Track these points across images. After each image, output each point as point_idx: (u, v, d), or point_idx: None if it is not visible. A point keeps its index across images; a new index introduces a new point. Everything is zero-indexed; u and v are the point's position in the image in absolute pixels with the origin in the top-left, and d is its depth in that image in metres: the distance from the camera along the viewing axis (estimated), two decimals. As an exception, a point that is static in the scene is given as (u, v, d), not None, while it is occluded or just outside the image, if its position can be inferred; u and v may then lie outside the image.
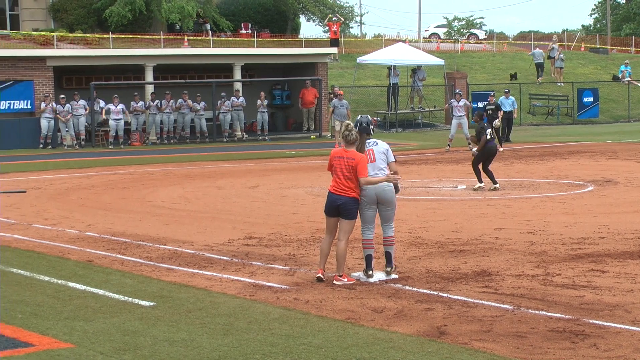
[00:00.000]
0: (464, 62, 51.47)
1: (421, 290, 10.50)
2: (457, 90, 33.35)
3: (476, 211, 17.08)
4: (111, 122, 35.22)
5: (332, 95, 37.12)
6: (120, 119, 35.10)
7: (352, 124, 11.19)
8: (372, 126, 11.29)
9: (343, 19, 51.68)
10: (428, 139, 37.76)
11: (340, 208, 10.92)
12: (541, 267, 11.63)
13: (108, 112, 35.29)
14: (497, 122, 29.71)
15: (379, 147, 11.14)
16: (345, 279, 10.93)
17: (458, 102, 31.33)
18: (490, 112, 30.37)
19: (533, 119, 46.11)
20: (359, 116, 11.46)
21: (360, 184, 10.89)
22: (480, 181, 20.44)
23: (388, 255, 11.09)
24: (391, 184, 11.08)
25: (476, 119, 21.05)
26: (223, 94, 37.29)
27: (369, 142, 11.15)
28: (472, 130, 27.56)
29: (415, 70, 43.42)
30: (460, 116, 31.35)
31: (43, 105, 34.65)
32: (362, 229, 11.23)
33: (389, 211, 11.12)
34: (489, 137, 20.25)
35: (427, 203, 18.45)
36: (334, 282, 10.90)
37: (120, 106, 35.00)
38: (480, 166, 20.48)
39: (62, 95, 35.13)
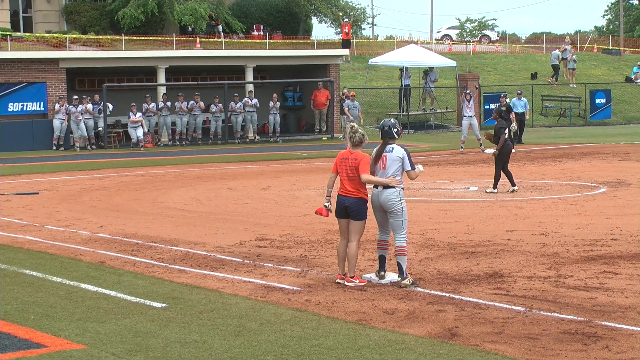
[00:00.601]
0: (476, 63, 51.40)
1: (433, 292, 10.48)
2: (467, 90, 33.36)
3: (488, 213, 17.05)
4: (130, 130, 35.15)
5: (344, 97, 37.17)
6: (139, 126, 34.98)
7: (356, 125, 11.16)
8: (395, 130, 10.97)
9: (352, 20, 51.54)
10: (440, 140, 37.71)
11: (348, 210, 10.91)
12: (553, 269, 11.60)
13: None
14: (513, 125, 29.73)
15: (393, 154, 10.91)
16: (357, 281, 10.93)
17: (468, 102, 31.47)
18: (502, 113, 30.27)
19: (545, 121, 46.00)
20: (384, 120, 11.25)
21: (362, 181, 10.83)
22: (513, 184, 20.09)
23: (399, 267, 10.87)
24: (398, 192, 10.90)
25: (495, 117, 20.85)
26: (236, 94, 37.34)
27: (388, 148, 10.94)
28: (482, 132, 27.54)
29: (427, 71, 43.38)
30: (470, 116, 31.43)
31: (57, 106, 34.78)
32: (378, 231, 11.23)
33: (395, 220, 10.88)
34: (506, 136, 20.07)
35: (439, 205, 18.43)
36: (346, 283, 10.89)
37: (139, 114, 34.98)
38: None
39: (75, 97, 35.20)
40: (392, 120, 11.18)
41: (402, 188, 10.98)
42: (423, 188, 20.94)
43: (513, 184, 20.11)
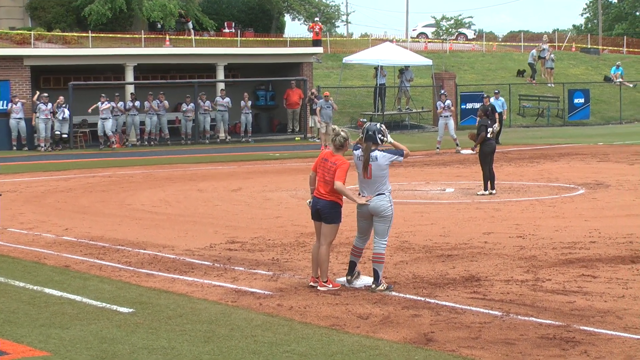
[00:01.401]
0: (452, 62, 51.58)
1: (408, 296, 10.48)
2: (442, 91, 33.46)
3: (464, 215, 17.09)
4: (99, 124, 34.83)
5: (313, 97, 37.05)
6: (107, 118, 34.64)
7: (338, 128, 11.11)
8: (380, 135, 10.77)
9: (322, 20, 51.38)
10: (415, 140, 37.78)
11: (320, 212, 10.90)
12: (531, 272, 11.63)
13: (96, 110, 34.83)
14: (495, 126, 29.76)
15: (379, 162, 10.77)
16: (330, 285, 10.92)
17: (444, 103, 31.65)
18: (487, 111, 30.24)
19: (523, 121, 46.21)
20: (368, 123, 11.11)
21: (334, 187, 10.75)
22: (493, 187, 20.07)
23: (375, 273, 10.84)
24: (388, 197, 10.80)
25: (480, 114, 20.86)
26: (202, 93, 37.15)
27: (372, 156, 10.79)
28: (456, 133, 27.59)
29: (403, 70, 43.45)
30: (447, 116, 31.57)
31: (11, 105, 34.36)
32: (355, 237, 11.20)
33: (382, 225, 10.82)
34: (489, 135, 20.07)
35: (415, 207, 18.45)
36: (318, 287, 10.87)
37: (107, 104, 34.55)
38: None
39: (45, 94, 34.74)
40: (379, 125, 10.93)
41: (390, 191, 10.95)
42: (398, 190, 20.95)
43: (492, 187, 20.11)
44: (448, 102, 31.78)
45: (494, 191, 20.10)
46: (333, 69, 47.88)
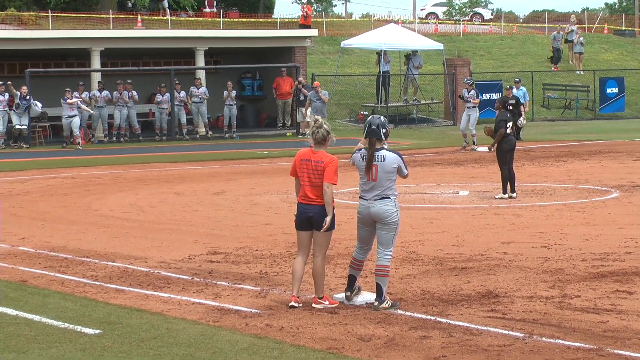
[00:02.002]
0: (466, 46, 51.64)
1: (416, 314, 10.48)
2: (466, 79, 33.53)
3: (481, 222, 17.10)
4: (64, 122, 34.46)
5: (300, 87, 37.00)
6: (75, 115, 34.24)
7: (321, 119, 11.07)
8: (384, 130, 10.83)
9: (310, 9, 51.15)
10: (424, 136, 37.83)
11: (312, 220, 10.85)
12: (557, 288, 11.64)
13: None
14: (522, 121, 29.87)
15: (386, 164, 10.76)
16: (327, 302, 10.90)
17: (468, 93, 31.81)
18: (511, 107, 30.21)
19: (547, 114, 46.29)
20: (371, 116, 11.15)
21: (324, 191, 10.72)
22: (513, 190, 20.08)
23: (378, 288, 10.83)
24: (394, 201, 10.79)
25: (498, 106, 20.76)
26: (177, 82, 37.08)
27: (378, 155, 10.79)
28: (479, 128, 27.62)
29: (410, 56, 43.50)
30: (470, 108, 31.66)
31: None
32: (355, 248, 11.18)
33: (387, 234, 10.82)
34: (508, 130, 19.99)
35: (424, 212, 18.45)
36: (314, 305, 10.86)
37: (75, 99, 34.29)
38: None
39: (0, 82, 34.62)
40: (382, 118, 11.03)
41: (396, 195, 10.95)
42: (405, 192, 20.97)
43: (513, 190, 20.13)
44: (472, 92, 31.86)
45: (514, 194, 20.11)
46: (330, 55, 47.92)
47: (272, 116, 41.27)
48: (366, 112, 41.05)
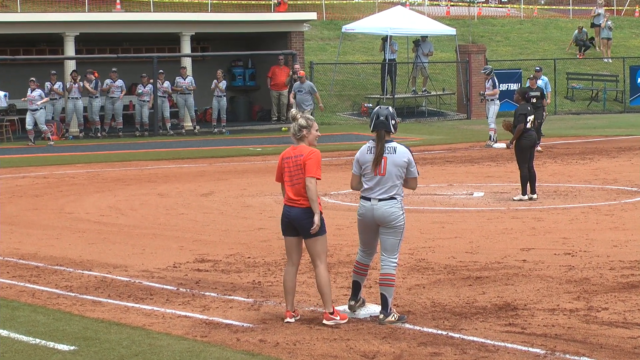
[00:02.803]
0: (481, 31, 51.62)
1: (425, 329, 10.50)
2: (483, 69, 33.54)
3: (497, 226, 17.11)
4: (28, 117, 34.34)
5: (296, 76, 36.93)
6: (37, 108, 34.15)
7: (295, 110, 11.05)
8: (393, 122, 10.93)
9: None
10: (435, 131, 37.83)
11: (294, 223, 10.83)
12: (582, 300, 11.66)
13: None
14: (545, 116, 29.96)
15: (396, 157, 10.83)
16: (338, 317, 10.78)
17: (486, 83, 31.85)
18: (535, 100, 30.17)
19: (572, 106, 46.29)
20: (378, 107, 11.18)
21: (306, 188, 10.71)
22: (534, 191, 20.10)
23: (383, 299, 10.85)
24: (399, 203, 10.82)
25: (517, 98, 20.67)
26: (161, 71, 37.03)
27: (388, 147, 10.88)
28: (499, 120, 27.59)
29: (419, 42, 43.49)
30: (489, 100, 31.71)
31: None
32: (358, 251, 11.19)
33: (392, 239, 10.85)
34: (528, 125, 19.95)
35: (434, 215, 18.46)
36: (325, 322, 10.74)
37: (38, 92, 34.21)
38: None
39: None
40: (390, 108, 11.08)
41: (402, 196, 10.96)
42: (412, 194, 20.97)
43: (533, 191, 20.13)
44: (490, 82, 31.87)
45: (534, 196, 20.13)
46: (330, 41, 47.90)
47: (266, 109, 41.24)
48: (370, 105, 41.04)
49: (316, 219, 10.67)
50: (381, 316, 10.82)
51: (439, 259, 14.25)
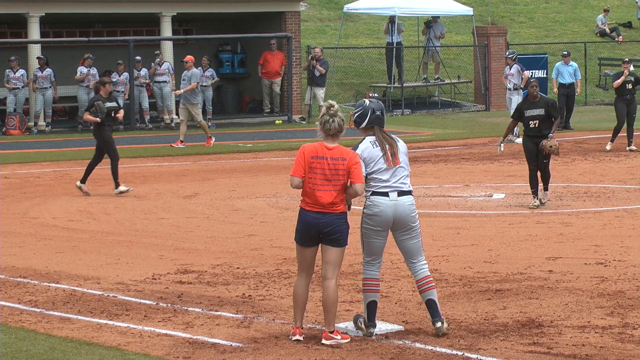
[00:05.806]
0: (502, 11, 51.61)
1: (438, 349, 10.50)
2: (507, 53, 33.52)
3: (520, 232, 17.11)
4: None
5: (314, 62, 36.95)
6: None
7: (336, 104, 11.05)
8: (384, 117, 11.32)
9: None
10: (449, 125, 37.81)
11: (329, 233, 10.80)
12: (616, 315, 11.66)
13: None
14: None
15: (400, 145, 11.17)
16: (339, 337, 10.82)
17: (510, 69, 31.71)
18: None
19: (604, 96, 46.26)
20: (367, 101, 11.29)
21: (353, 193, 10.85)
22: (546, 188, 20.03)
23: (433, 305, 10.99)
24: (413, 196, 11.06)
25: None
26: (138, 58, 36.96)
27: (392, 136, 11.20)
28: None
29: (430, 23, 43.43)
30: (511, 90, 31.57)
31: None
32: (364, 265, 11.21)
33: (415, 242, 11.08)
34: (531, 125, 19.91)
35: (448, 220, 18.47)
36: (324, 341, 10.77)
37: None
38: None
39: None
40: (379, 101, 11.45)
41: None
42: (424, 195, 20.98)
43: (545, 187, 19.87)
44: (515, 67, 31.76)
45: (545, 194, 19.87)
46: (330, 22, 47.89)
47: (257, 100, 41.16)
48: (376, 94, 40.96)
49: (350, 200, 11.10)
50: (439, 324, 10.93)
51: (453, 269, 14.25)
